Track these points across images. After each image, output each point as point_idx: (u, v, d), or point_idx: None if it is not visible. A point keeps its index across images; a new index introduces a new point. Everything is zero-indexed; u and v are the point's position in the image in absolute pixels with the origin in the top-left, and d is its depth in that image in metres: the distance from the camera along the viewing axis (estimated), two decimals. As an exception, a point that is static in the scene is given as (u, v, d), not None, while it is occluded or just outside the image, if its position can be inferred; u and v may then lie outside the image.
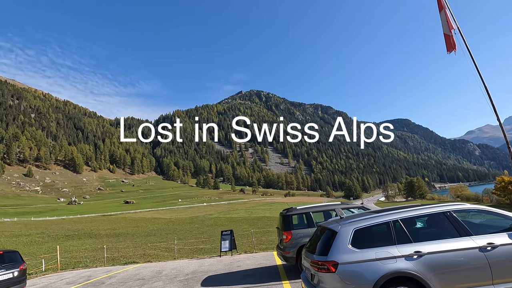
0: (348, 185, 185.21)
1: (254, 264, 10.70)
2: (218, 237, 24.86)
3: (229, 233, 14.19)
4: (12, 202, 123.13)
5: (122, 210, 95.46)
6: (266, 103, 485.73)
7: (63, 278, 12.43)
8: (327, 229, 4.97)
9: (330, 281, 4.30)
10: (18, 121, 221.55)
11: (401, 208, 5.05)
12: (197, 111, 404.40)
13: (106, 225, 50.81)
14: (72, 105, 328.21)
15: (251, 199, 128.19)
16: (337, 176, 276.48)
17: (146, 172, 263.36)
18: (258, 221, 46.56)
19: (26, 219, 74.47)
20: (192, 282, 8.83)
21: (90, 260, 18.02)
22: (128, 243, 27.89)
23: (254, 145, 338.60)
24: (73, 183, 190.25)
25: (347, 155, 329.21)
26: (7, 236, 36.97)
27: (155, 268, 12.40)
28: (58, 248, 17.15)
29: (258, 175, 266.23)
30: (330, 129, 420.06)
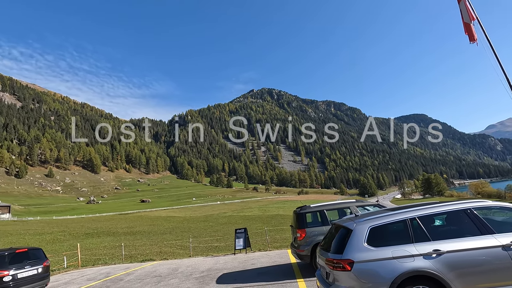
0: (363, 183, 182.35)
1: (268, 262, 10.73)
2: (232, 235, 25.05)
3: (243, 231, 14.26)
4: (35, 201, 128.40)
5: (138, 209, 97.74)
6: (278, 101, 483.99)
7: (84, 274, 12.88)
8: (342, 227, 4.91)
9: (346, 279, 4.25)
10: (39, 123, 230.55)
11: (419, 206, 4.92)
12: (210, 111, 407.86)
13: (124, 224, 52.14)
14: (89, 107, 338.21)
15: (264, 197, 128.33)
16: (351, 173, 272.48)
17: (160, 172, 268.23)
18: (272, 219, 46.57)
19: (48, 218, 77.47)
20: (208, 279, 8.95)
21: (109, 258, 18.56)
22: (145, 241, 28.54)
23: (267, 143, 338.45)
24: (92, 183, 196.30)
25: (361, 152, 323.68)
26: (31, 234, 38.60)
27: (171, 265, 12.64)
28: (78, 245, 17.77)
29: (271, 173, 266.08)
30: (343, 126, 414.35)
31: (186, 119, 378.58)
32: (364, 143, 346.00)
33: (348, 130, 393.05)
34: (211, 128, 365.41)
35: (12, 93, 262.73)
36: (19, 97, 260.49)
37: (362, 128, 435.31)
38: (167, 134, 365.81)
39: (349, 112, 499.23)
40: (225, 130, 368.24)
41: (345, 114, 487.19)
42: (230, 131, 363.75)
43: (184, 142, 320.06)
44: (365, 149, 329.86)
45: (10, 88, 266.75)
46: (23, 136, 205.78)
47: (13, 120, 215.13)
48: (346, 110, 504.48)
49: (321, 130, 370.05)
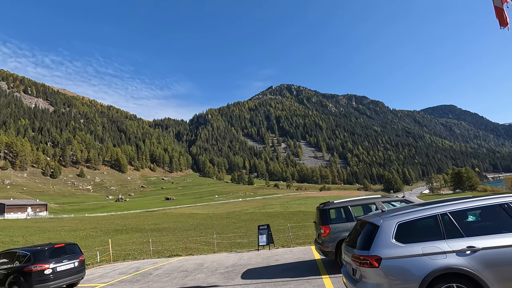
0: (388, 178, 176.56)
1: (292, 258, 10.73)
2: (255, 231, 25.26)
3: (266, 228, 14.33)
4: (69, 200, 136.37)
5: (163, 206, 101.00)
6: (297, 96, 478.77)
7: (115, 269, 13.55)
8: (368, 223, 4.81)
9: (374, 276, 4.17)
10: (70, 126, 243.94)
11: (450, 201, 4.71)
12: (229, 109, 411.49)
13: (150, 220, 54.10)
14: (115, 109, 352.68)
15: (285, 194, 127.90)
16: (375, 168, 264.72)
17: (183, 170, 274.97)
18: (294, 216, 46.39)
19: (81, 215, 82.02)
20: (233, 274, 9.11)
21: (138, 253, 19.37)
22: (171, 237, 29.47)
23: (287, 140, 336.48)
24: (119, 182, 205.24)
25: (385, 147, 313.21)
26: (66, 230, 41.08)
27: (197, 260, 12.97)
28: (110, 241, 18.69)
29: (291, 169, 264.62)
30: (366, 120, 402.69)
31: (206, 118, 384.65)
32: (388, 137, 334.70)
33: (371, 124, 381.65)
34: (231, 126, 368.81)
35: (45, 99, 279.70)
36: (51, 102, 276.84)
37: (385, 121, 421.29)
38: (188, 133, 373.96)
39: (372, 106, 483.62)
40: (245, 127, 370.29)
41: (367, 108, 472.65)
42: (250, 129, 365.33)
43: (205, 140, 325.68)
44: (389, 143, 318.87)
45: (43, 94, 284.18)
46: (56, 139, 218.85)
47: (46, 124, 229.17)
48: (368, 104, 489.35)
49: (342, 125, 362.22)
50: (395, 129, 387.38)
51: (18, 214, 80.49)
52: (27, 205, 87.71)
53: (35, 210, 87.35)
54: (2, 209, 79.06)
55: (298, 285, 7.05)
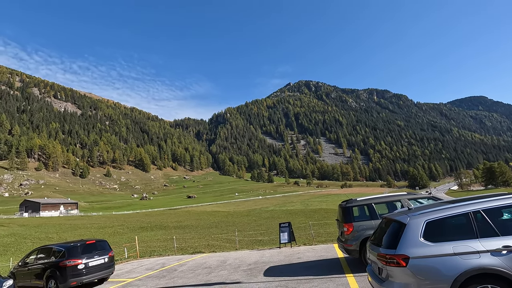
0: (412, 174, 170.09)
1: (314, 256, 10.64)
2: (275, 229, 25.26)
3: (287, 225, 14.29)
4: (97, 198, 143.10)
5: (185, 204, 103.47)
6: (316, 92, 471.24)
7: (142, 264, 14.07)
8: (394, 221, 4.67)
9: (401, 275, 4.05)
10: (96, 128, 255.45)
11: (482, 198, 4.47)
12: (247, 107, 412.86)
13: (173, 218, 55.62)
14: (138, 111, 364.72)
15: (306, 192, 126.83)
16: (399, 164, 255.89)
17: (204, 169, 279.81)
18: (315, 214, 45.90)
19: (108, 213, 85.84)
20: (255, 271, 9.18)
21: (163, 249, 20.00)
22: (193, 234, 30.16)
23: (306, 137, 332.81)
24: (143, 181, 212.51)
25: (409, 141, 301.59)
26: (95, 227, 43.16)
27: (219, 257, 13.19)
28: (136, 238, 19.44)
29: (311, 167, 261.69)
30: (388, 114, 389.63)
31: (225, 116, 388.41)
32: (412, 131, 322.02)
33: (394, 119, 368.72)
34: (249, 124, 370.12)
35: (73, 103, 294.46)
36: (79, 106, 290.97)
37: (409, 115, 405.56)
38: (208, 132, 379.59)
39: (394, 99, 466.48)
40: (264, 125, 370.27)
41: (390, 102, 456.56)
42: (269, 126, 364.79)
43: (225, 139, 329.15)
44: (413, 138, 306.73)
45: (71, 98, 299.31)
46: (84, 140, 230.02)
47: (75, 127, 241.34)
48: (390, 98, 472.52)
49: (363, 120, 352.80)
50: (420, 123, 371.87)
51: (52, 212, 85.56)
52: (59, 204, 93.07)
53: (67, 208, 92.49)
54: (37, 208, 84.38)
55: (321, 283, 6.98)
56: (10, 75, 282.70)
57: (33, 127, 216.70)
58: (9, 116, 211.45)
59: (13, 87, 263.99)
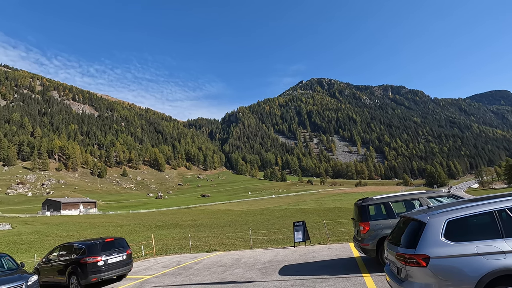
0: (430, 172, 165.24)
1: (329, 256, 10.53)
2: (289, 228, 25.19)
3: (301, 224, 14.21)
4: (115, 198, 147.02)
5: (199, 203, 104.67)
6: (329, 90, 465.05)
7: (158, 262, 14.35)
8: (413, 219, 4.55)
9: (421, 276, 3.94)
10: (112, 129, 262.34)
11: (507, 196, 4.28)
12: (260, 106, 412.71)
13: (188, 217, 56.42)
14: (152, 112, 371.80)
15: (319, 190, 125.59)
16: (416, 162, 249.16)
17: (217, 168, 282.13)
18: (329, 212, 45.44)
19: (125, 211, 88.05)
20: (270, 270, 9.17)
21: (178, 247, 20.32)
22: (208, 233, 30.50)
23: (319, 135, 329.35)
24: (158, 180, 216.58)
25: (426, 138, 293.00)
26: (113, 226, 44.37)
27: (234, 256, 13.27)
28: (153, 236, 19.84)
29: (325, 165, 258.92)
30: (404, 111, 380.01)
31: (237, 116, 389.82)
32: (429, 128, 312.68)
33: (410, 115, 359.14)
34: (262, 123, 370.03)
35: (90, 105, 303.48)
36: (96, 108, 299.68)
37: (426, 111, 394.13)
38: (221, 132, 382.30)
39: (410, 96, 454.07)
40: (276, 124, 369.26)
41: (405, 98, 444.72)
42: (281, 125, 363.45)
43: (237, 138, 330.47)
44: (431, 135, 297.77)
45: (89, 100, 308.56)
46: (101, 141, 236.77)
47: (92, 128, 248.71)
48: (406, 94, 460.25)
49: (378, 118, 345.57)
50: (438, 119, 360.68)
51: (72, 211, 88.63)
52: (79, 203, 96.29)
53: (86, 207, 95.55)
54: (58, 206, 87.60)
55: (337, 282, 6.90)
56: (32, 79, 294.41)
57: (53, 129, 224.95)
58: (31, 118, 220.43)
59: (34, 91, 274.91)
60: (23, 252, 24.97)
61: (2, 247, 26.81)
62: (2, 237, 32.01)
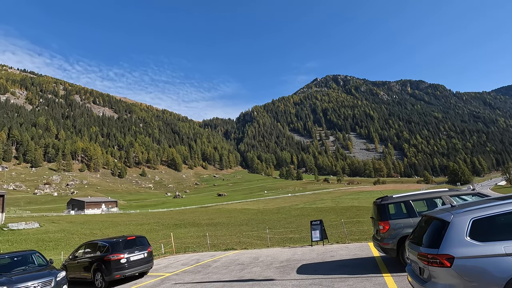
0: (453, 169, 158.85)
1: (348, 255, 10.39)
2: (306, 227, 25.02)
3: (318, 223, 14.10)
4: (134, 197, 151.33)
5: (216, 202, 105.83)
6: (344, 87, 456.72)
7: (178, 260, 14.68)
8: (435, 218, 4.42)
9: (445, 276, 3.82)
10: (131, 131, 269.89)
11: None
12: (274, 105, 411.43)
13: (205, 216, 57.20)
14: (168, 113, 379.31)
15: (336, 189, 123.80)
16: (437, 159, 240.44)
17: (233, 167, 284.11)
18: (346, 211, 44.74)
19: (145, 210, 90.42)
20: (288, 269, 9.18)
21: (196, 246, 20.69)
22: (225, 232, 30.82)
23: (335, 133, 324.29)
24: (176, 180, 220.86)
25: (448, 134, 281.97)
26: (133, 224, 45.69)
27: (252, 254, 13.35)
28: (172, 235, 20.30)
29: (342, 163, 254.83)
30: (424, 106, 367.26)
31: (252, 115, 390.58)
32: (451, 123, 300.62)
33: (430, 111, 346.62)
34: (276, 121, 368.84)
35: (110, 107, 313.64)
36: (115, 110, 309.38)
37: (447, 106, 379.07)
38: (236, 131, 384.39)
39: (430, 90, 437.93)
40: (291, 122, 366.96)
41: (425, 93, 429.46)
42: (296, 123, 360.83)
43: (252, 137, 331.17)
44: (453, 130, 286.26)
45: (108, 103, 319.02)
46: (121, 142, 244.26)
47: (112, 130, 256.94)
48: (426, 88, 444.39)
49: (396, 114, 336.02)
50: (460, 114, 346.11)
51: (94, 210, 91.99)
52: (101, 202, 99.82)
53: (108, 206, 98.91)
54: (82, 206, 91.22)
55: (357, 282, 6.81)
56: (55, 84, 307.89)
57: (76, 131, 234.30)
58: (55, 122, 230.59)
59: (58, 95, 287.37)
60: (50, 249, 26.23)
61: (32, 245, 28.28)
62: (31, 235, 33.76)
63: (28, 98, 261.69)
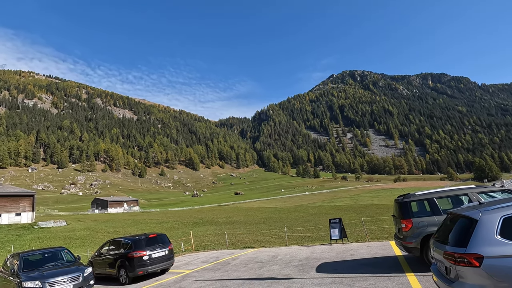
0: (479, 165, 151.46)
1: (369, 254, 10.19)
2: (324, 225, 24.72)
3: (337, 221, 13.89)
4: (154, 196, 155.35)
5: (233, 201, 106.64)
6: (362, 82, 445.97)
7: (198, 257, 14.94)
8: (462, 216, 4.24)
9: (474, 276, 3.66)
10: (150, 131, 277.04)
11: None
12: (290, 102, 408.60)
13: (223, 214, 57.82)
14: (186, 113, 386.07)
15: (355, 187, 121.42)
16: (462, 154, 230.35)
17: (249, 166, 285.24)
18: (366, 209, 43.80)
19: (164, 209, 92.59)
20: (307, 267, 9.12)
21: (215, 244, 20.96)
22: (243, 230, 31.01)
23: (353, 129, 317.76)
24: (194, 179, 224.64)
25: (473, 129, 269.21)
26: (154, 223, 46.93)
27: (270, 253, 13.37)
28: (191, 233, 20.69)
29: (360, 160, 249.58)
30: (446, 100, 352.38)
31: (268, 113, 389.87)
32: (477, 117, 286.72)
33: (453, 104, 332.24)
34: (292, 119, 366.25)
35: (130, 109, 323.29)
36: (135, 112, 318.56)
37: (472, 99, 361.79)
38: (252, 130, 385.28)
39: (453, 83, 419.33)
40: (307, 120, 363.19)
41: (448, 86, 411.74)
42: (312, 121, 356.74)
43: (268, 136, 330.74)
44: (478, 124, 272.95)
45: (128, 105, 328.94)
46: (140, 143, 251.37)
47: (132, 131, 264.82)
48: (448, 81, 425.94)
49: (417, 108, 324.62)
50: (486, 107, 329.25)
51: (117, 208, 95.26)
52: (123, 201, 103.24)
53: (129, 205, 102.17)
54: (105, 205, 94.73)
55: (378, 281, 6.67)
56: (78, 89, 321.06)
57: (98, 133, 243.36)
58: (79, 124, 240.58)
59: (81, 99, 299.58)
60: (77, 247, 27.45)
61: (60, 242, 29.72)
62: (59, 232, 35.47)
63: (53, 102, 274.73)
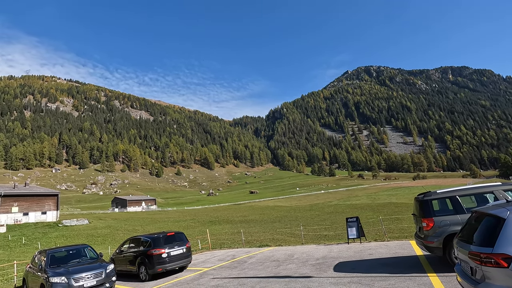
0: (505, 161, 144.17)
1: (388, 253, 9.95)
2: (341, 224, 24.39)
3: (355, 220, 13.66)
4: (171, 195, 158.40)
5: (248, 199, 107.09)
6: (378, 78, 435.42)
7: (214, 255, 15.12)
8: (488, 215, 4.06)
9: (502, 277, 3.49)
10: (166, 132, 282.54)
11: None
12: (304, 100, 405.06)
13: (238, 213, 58.20)
14: (200, 113, 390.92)
15: (372, 185, 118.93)
16: (486, 151, 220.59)
17: (264, 164, 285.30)
18: (383, 208, 42.86)
19: (181, 208, 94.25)
20: (324, 266, 9.02)
21: (231, 242, 21.15)
22: (258, 229, 31.11)
23: (369, 126, 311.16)
24: (209, 178, 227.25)
25: (498, 123, 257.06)
26: (171, 221, 47.89)
27: (286, 251, 13.33)
28: (208, 231, 20.96)
29: (377, 158, 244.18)
30: (468, 94, 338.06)
31: (282, 112, 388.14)
32: (501, 111, 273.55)
33: (476, 99, 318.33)
34: (307, 117, 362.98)
35: (146, 110, 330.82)
36: (151, 113, 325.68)
37: (496, 93, 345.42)
38: (266, 129, 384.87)
39: (475, 76, 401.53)
40: (322, 117, 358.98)
41: (469, 80, 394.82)
42: (327, 118, 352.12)
43: (282, 134, 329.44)
44: (503, 119, 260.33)
45: (144, 106, 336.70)
46: (157, 143, 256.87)
47: (149, 132, 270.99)
48: (470, 74, 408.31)
49: (436, 103, 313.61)
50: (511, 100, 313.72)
51: (136, 207, 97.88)
52: (142, 200, 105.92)
53: (147, 204, 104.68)
54: (125, 204, 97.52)
55: (399, 281, 6.51)
56: (97, 91, 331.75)
57: (117, 134, 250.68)
58: (98, 126, 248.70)
59: (100, 101, 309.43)
60: (99, 244, 28.44)
61: (83, 239, 30.91)
62: (82, 230, 36.88)
63: (74, 105, 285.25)
